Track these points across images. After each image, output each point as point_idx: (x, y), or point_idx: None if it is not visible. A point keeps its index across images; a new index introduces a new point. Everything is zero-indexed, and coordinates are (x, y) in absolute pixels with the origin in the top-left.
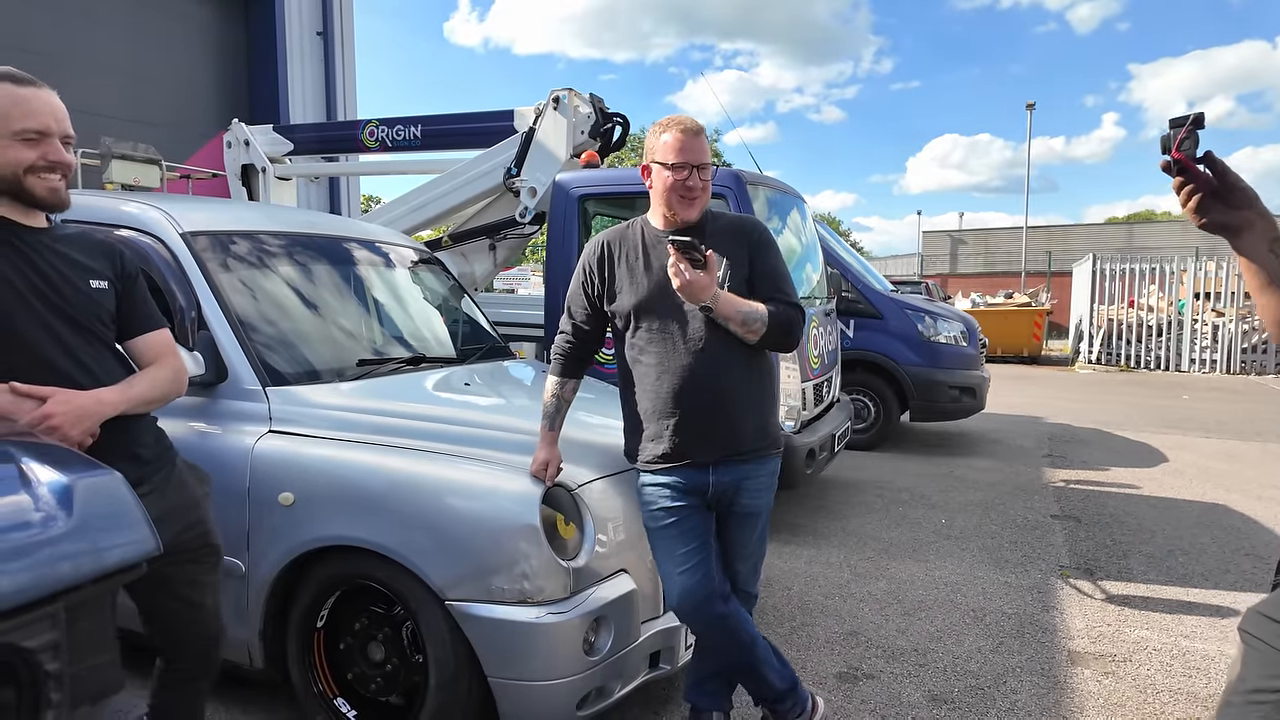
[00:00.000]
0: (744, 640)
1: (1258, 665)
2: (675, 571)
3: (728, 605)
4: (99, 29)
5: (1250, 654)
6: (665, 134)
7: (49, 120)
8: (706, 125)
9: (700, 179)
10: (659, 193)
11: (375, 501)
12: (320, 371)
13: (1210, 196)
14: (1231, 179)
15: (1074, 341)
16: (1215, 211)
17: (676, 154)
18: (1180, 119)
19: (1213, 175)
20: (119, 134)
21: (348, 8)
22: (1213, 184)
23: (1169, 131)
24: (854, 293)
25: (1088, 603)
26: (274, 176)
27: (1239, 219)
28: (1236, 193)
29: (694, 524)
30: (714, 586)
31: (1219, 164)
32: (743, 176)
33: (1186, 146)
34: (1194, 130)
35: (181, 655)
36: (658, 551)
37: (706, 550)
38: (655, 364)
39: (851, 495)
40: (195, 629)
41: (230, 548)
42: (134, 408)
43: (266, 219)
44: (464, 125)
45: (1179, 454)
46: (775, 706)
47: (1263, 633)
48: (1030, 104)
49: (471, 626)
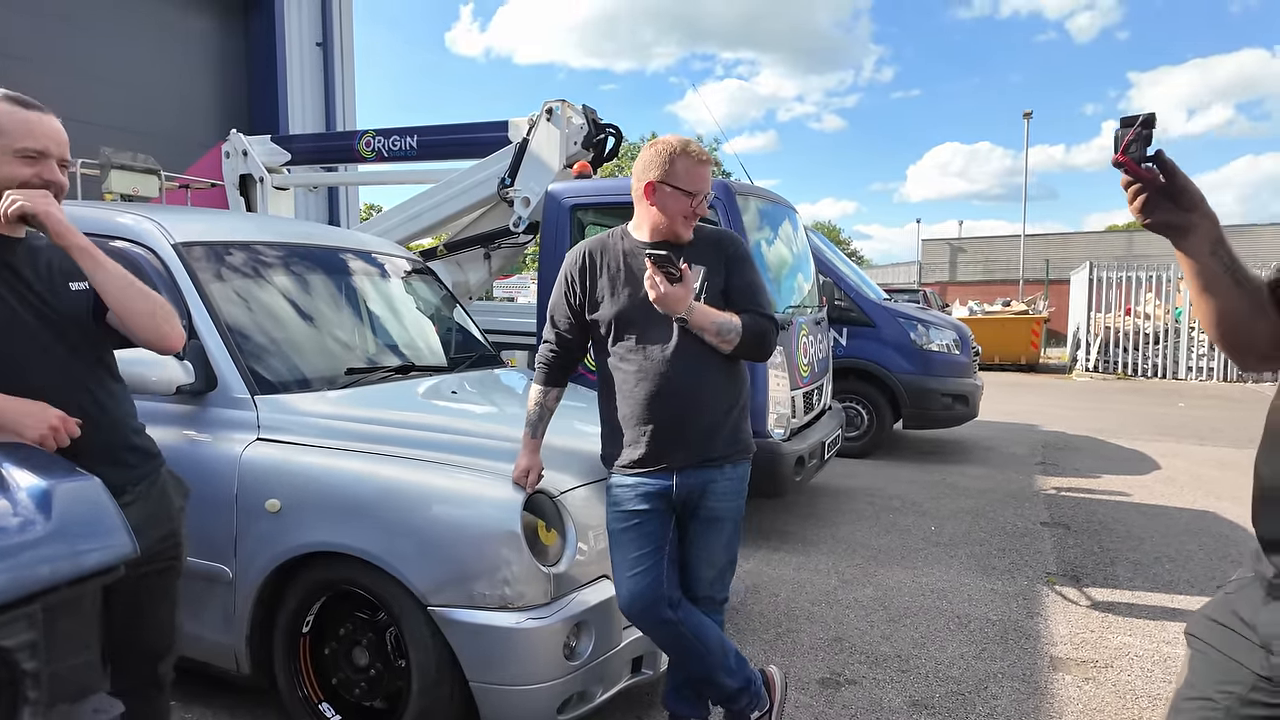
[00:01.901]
0: (695, 648)
1: (1205, 670)
2: (626, 574)
3: (676, 612)
4: (99, 40)
5: (1196, 658)
6: (684, 161)
7: (49, 143)
8: (705, 135)
9: (705, 203)
10: (668, 212)
11: (360, 508)
12: (309, 380)
13: (1158, 196)
14: (1180, 180)
15: (1071, 349)
16: (1161, 211)
17: (698, 182)
18: (1130, 119)
19: (1162, 175)
20: (118, 144)
21: (347, 19)
22: (1159, 184)
23: (1118, 130)
24: (847, 301)
25: (1072, 609)
26: (272, 186)
27: (1184, 220)
28: (1184, 194)
29: (652, 529)
30: (662, 592)
31: (1168, 164)
32: (732, 187)
33: (1133, 150)
34: (1142, 132)
35: (125, 665)
36: (614, 553)
37: (660, 556)
38: (635, 371)
39: (842, 502)
40: (145, 638)
41: (218, 554)
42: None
43: (259, 229)
44: (459, 136)
45: (1172, 461)
46: (730, 706)
47: (1209, 636)
48: (1027, 113)
49: (453, 631)
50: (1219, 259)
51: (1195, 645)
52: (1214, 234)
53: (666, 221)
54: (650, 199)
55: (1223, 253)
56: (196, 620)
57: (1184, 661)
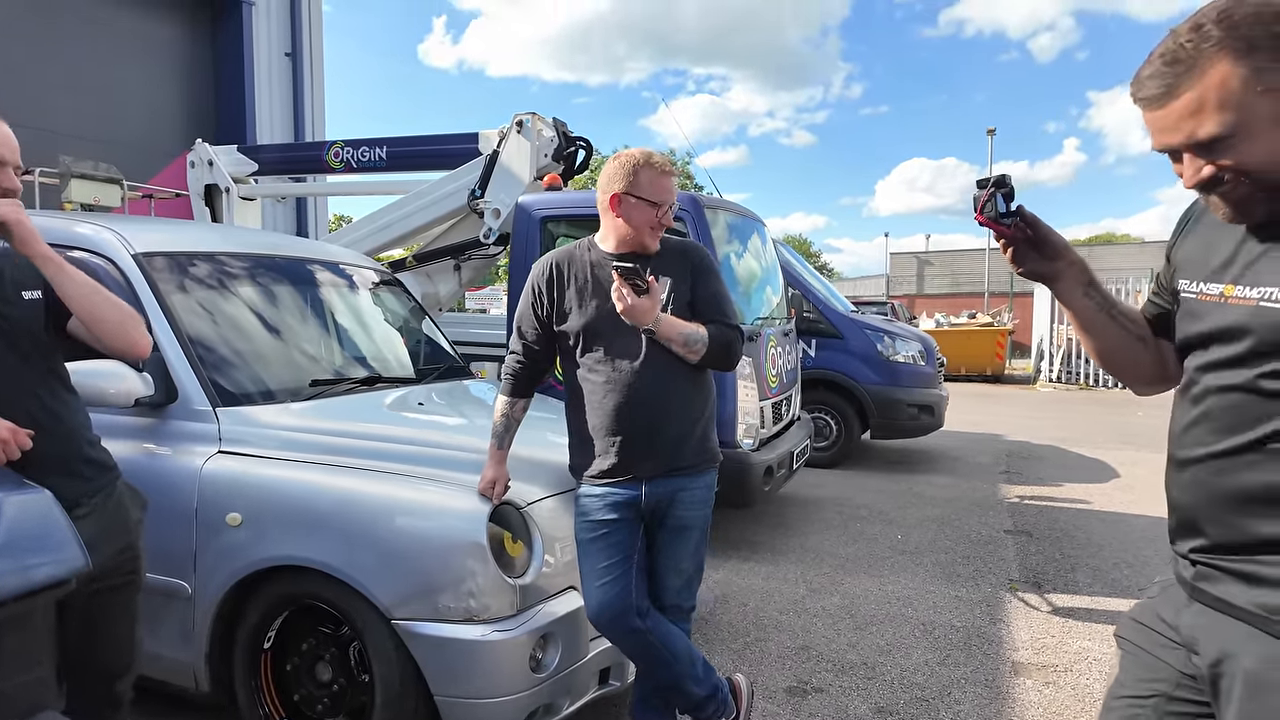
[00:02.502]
0: (663, 657)
1: (1133, 669)
2: (595, 584)
3: (645, 621)
4: (60, 46)
5: (1126, 659)
6: (648, 172)
7: (4, 151)
8: (676, 150)
9: (671, 213)
10: (634, 224)
11: (322, 521)
12: (273, 392)
13: (1025, 247)
14: (1042, 231)
15: (1035, 360)
16: (1030, 260)
17: (662, 193)
18: (984, 180)
19: (1026, 228)
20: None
21: (317, 29)
22: (1019, 236)
23: (976, 193)
24: (815, 313)
25: (1034, 615)
26: (238, 197)
27: (1051, 269)
28: (1046, 244)
29: (620, 538)
30: (630, 601)
31: (1029, 217)
32: (701, 201)
33: (989, 209)
34: (995, 191)
35: (81, 684)
36: (582, 563)
37: (628, 565)
38: (603, 382)
39: (811, 512)
40: (102, 655)
41: (176, 569)
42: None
43: (223, 240)
44: (429, 147)
45: (1131, 469)
46: (697, 714)
47: (1136, 637)
48: (991, 129)
49: (417, 645)
50: (1092, 299)
51: (1124, 646)
52: (1083, 277)
53: (633, 233)
54: (616, 211)
55: (1094, 293)
56: (154, 637)
57: (1114, 662)
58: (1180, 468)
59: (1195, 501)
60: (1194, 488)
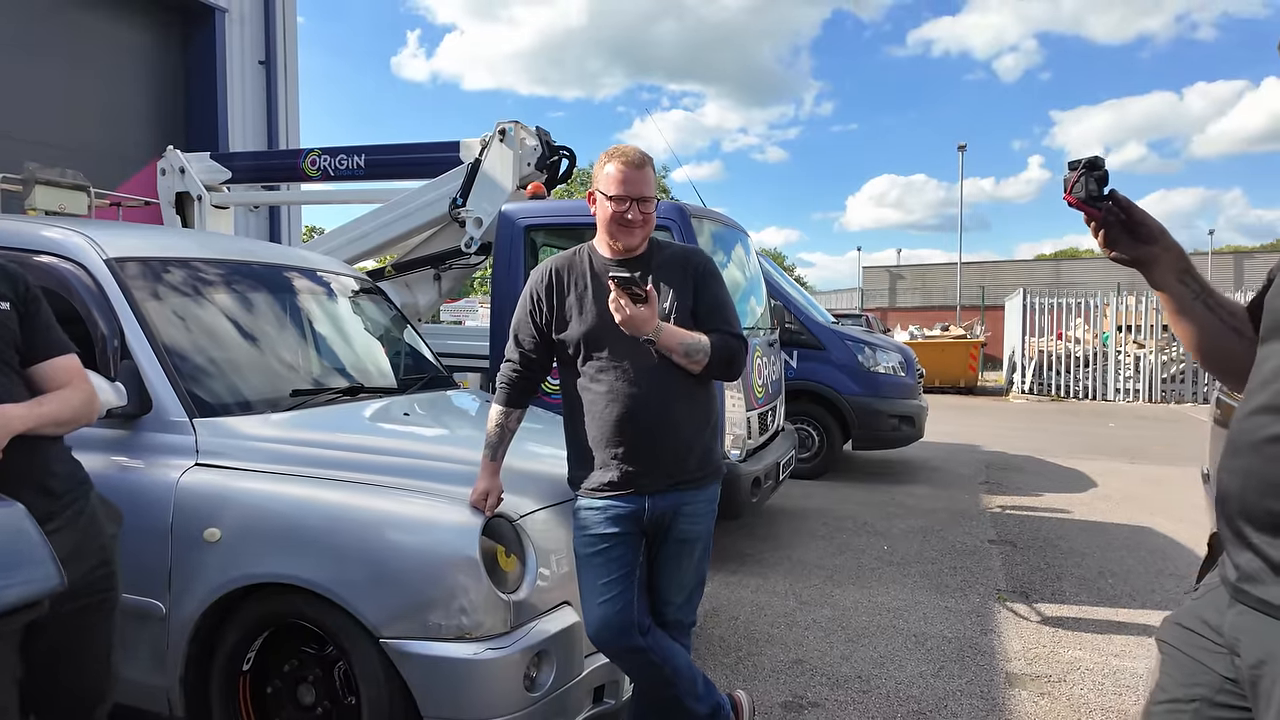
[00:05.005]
0: (664, 675)
1: (1175, 673)
2: (596, 601)
3: (646, 639)
4: (26, 50)
5: (1167, 663)
6: (609, 165)
7: None
8: (655, 163)
9: (641, 212)
10: (601, 221)
11: (306, 536)
12: (252, 402)
13: (1118, 231)
14: (1137, 216)
15: (1007, 372)
16: (1123, 245)
17: (618, 186)
18: (1075, 162)
19: (1120, 212)
20: (48, 160)
21: (291, 38)
22: (1110, 220)
23: (1068, 173)
24: (797, 324)
25: (1024, 625)
26: (210, 205)
27: (1145, 253)
28: (1141, 228)
29: (622, 554)
30: (632, 618)
31: (1123, 201)
32: (687, 210)
33: (1077, 189)
34: (1085, 173)
35: (54, 714)
36: (582, 578)
37: (629, 581)
38: (605, 393)
39: (797, 524)
40: (77, 681)
41: (149, 588)
42: (43, 426)
43: (198, 246)
44: (408, 155)
45: (1106, 479)
46: None
47: (1178, 641)
48: (962, 145)
49: (407, 665)
50: (1187, 286)
51: (1165, 650)
52: (1179, 264)
53: (604, 230)
54: (593, 208)
55: (1190, 280)
56: (125, 660)
57: (1154, 666)
58: (1235, 454)
59: (1244, 487)
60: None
